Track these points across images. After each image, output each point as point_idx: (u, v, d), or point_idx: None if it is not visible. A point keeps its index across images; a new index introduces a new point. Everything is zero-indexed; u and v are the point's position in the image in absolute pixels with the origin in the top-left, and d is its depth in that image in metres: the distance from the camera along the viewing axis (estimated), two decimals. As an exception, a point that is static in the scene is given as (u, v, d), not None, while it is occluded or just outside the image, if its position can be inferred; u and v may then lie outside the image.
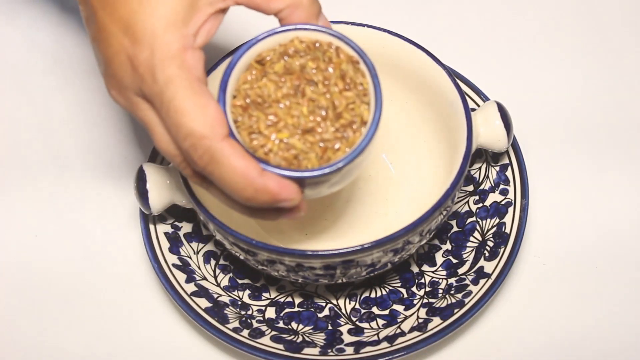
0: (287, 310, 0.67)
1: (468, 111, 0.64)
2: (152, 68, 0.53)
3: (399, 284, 0.68)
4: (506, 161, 0.70)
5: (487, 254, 0.67)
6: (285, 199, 0.54)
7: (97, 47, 0.56)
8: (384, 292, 0.68)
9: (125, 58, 0.54)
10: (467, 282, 0.66)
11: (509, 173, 0.70)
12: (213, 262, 0.69)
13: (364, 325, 0.66)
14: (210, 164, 0.53)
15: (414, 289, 0.68)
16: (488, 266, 0.66)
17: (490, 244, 0.68)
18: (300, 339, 0.65)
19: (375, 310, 0.67)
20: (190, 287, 0.67)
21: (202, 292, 0.67)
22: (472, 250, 0.68)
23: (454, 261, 0.68)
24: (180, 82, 0.53)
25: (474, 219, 0.69)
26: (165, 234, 0.68)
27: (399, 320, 0.66)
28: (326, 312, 0.67)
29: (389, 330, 0.65)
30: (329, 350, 0.64)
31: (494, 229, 0.68)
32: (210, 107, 0.53)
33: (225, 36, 0.79)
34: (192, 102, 0.53)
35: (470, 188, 0.71)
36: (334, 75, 0.56)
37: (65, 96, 0.78)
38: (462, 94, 0.65)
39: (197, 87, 0.53)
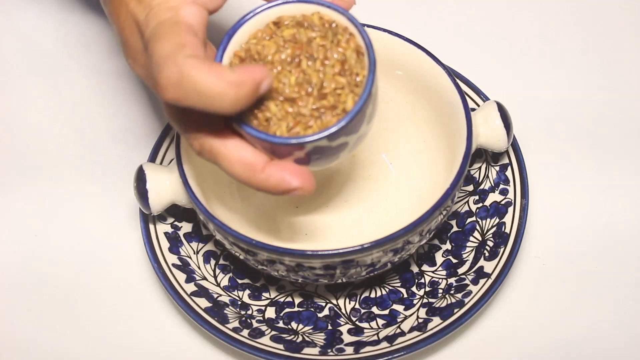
0: (287, 310, 0.67)
1: (468, 111, 0.64)
2: (148, 20, 0.54)
3: (398, 284, 0.68)
4: (506, 161, 0.70)
5: (487, 254, 0.67)
6: (262, 77, 0.52)
7: (112, 21, 0.57)
8: (383, 292, 0.68)
9: (132, 22, 0.55)
10: (467, 282, 0.66)
11: (508, 173, 0.70)
12: (213, 262, 0.69)
13: (364, 325, 0.66)
14: (180, 82, 0.51)
15: (413, 288, 0.68)
16: (488, 266, 0.66)
17: (490, 243, 0.68)
18: (300, 338, 0.65)
19: (375, 310, 0.67)
20: (190, 287, 0.67)
21: (202, 292, 0.67)
22: (472, 250, 0.68)
23: (454, 261, 0.68)
24: (168, 22, 0.53)
25: (473, 218, 0.69)
26: (165, 233, 0.68)
27: (398, 320, 0.66)
28: (326, 312, 0.67)
29: (389, 330, 0.65)
30: (329, 350, 0.64)
31: (494, 228, 0.68)
32: (187, 37, 0.52)
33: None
34: (169, 30, 0.52)
35: (470, 188, 0.71)
36: (335, 58, 0.56)
37: (65, 96, 0.78)
38: (462, 94, 0.65)
39: (183, 26, 0.53)
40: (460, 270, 0.67)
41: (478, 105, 0.71)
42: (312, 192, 0.55)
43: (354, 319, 0.67)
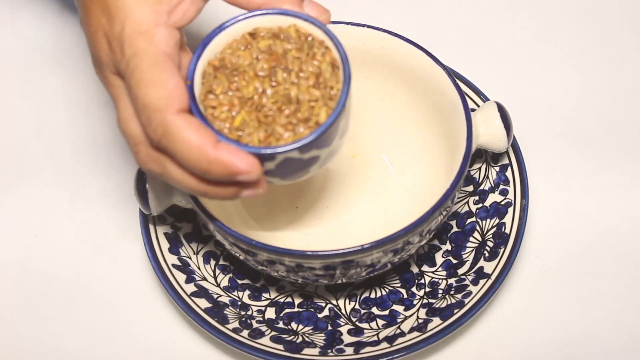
0: (287, 310, 0.67)
1: (468, 111, 0.64)
2: (121, 42, 0.54)
3: (398, 284, 0.68)
4: (506, 161, 0.70)
5: (487, 254, 0.67)
6: (241, 170, 0.54)
7: (83, 29, 0.57)
8: (383, 293, 0.68)
9: (103, 35, 0.55)
10: (467, 282, 0.66)
11: (508, 173, 0.69)
12: (213, 262, 0.69)
13: (364, 325, 0.66)
14: (164, 136, 0.53)
15: (413, 289, 0.68)
16: (488, 266, 0.66)
17: (490, 244, 0.68)
18: (300, 339, 0.65)
19: (375, 310, 0.67)
20: (190, 288, 0.67)
21: (201, 292, 0.67)
22: (472, 250, 0.68)
23: (454, 261, 0.68)
24: (144, 55, 0.53)
25: (473, 219, 0.69)
26: (165, 234, 0.68)
27: (398, 320, 0.66)
28: (326, 312, 0.67)
29: (389, 331, 0.65)
30: (329, 351, 0.64)
31: (494, 229, 0.68)
32: (170, 82, 0.53)
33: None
34: (152, 75, 0.53)
35: (470, 188, 0.71)
36: (310, 71, 0.56)
37: (65, 96, 0.78)
38: (462, 94, 0.65)
39: (162, 62, 0.54)
40: (460, 271, 0.67)
41: (478, 106, 0.71)
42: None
43: (354, 320, 0.67)
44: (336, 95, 0.56)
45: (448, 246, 0.69)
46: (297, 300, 0.68)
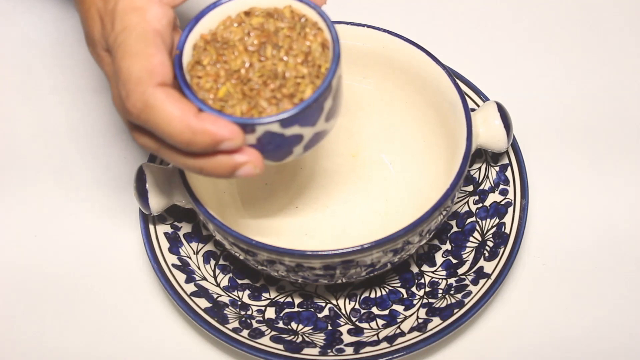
0: (287, 310, 0.67)
1: (468, 111, 0.64)
2: (113, 17, 0.54)
3: (398, 284, 0.68)
4: (506, 161, 0.70)
5: (486, 254, 0.67)
6: (225, 137, 0.53)
7: (76, 8, 0.57)
8: (383, 292, 0.68)
9: (96, 12, 0.55)
10: (466, 282, 0.66)
11: (508, 173, 0.70)
12: (213, 262, 0.69)
13: (364, 325, 0.66)
14: (144, 110, 0.52)
15: (413, 289, 0.68)
16: (488, 266, 0.66)
17: (490, 244, 0.68)
18: (300, 339, 0.65)
19: (375, 310, 0.67)
20: (190, 287, 0.67)
21: (201, 292, 0.67)
22: (472, 250, 0.68)
23: (454, 261, 0.68)
24: (134, 29, 0.53)
25: (473, 219, 0.69)
26: (165, 234, 0.69)
27: (398, 320, 0.66)
28: (326, 312, 0.67)
29: (389, 331, 0.65)
30: (329, 351, 0.64)
31: (494, 229, 0.68)
32: (156, 57, 0.53)
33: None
34: (138, 48, 0.53)
35: (470, 188, 0.71)
36: (300, 49, 0.56)
37: (65, 96, 0.78)
38: (462, 94, 0.65)
39: (151, 37, 0.53)
40: (460, 271, 0.67)
41: (478, 106, 0.71)
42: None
43: (353, 319, 0.67)
44: (324, 74, 0.56)
45: (448, 246, 0.69)
46: (297, 300, 0.68)
